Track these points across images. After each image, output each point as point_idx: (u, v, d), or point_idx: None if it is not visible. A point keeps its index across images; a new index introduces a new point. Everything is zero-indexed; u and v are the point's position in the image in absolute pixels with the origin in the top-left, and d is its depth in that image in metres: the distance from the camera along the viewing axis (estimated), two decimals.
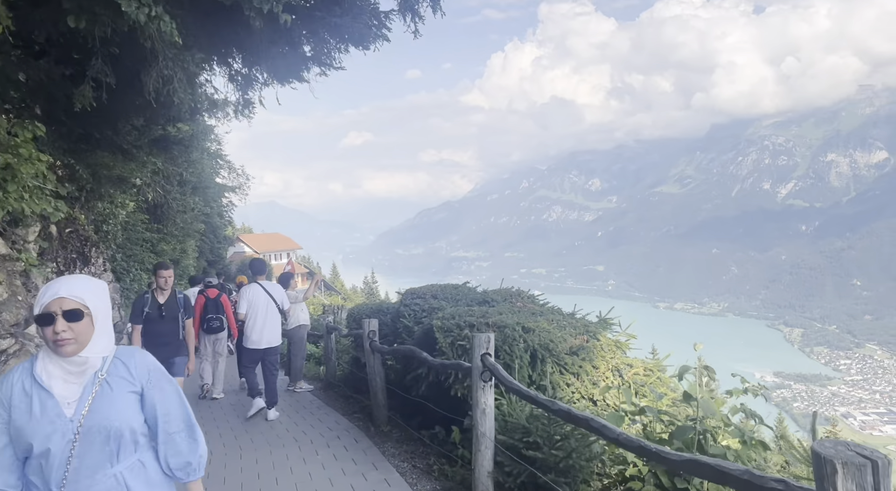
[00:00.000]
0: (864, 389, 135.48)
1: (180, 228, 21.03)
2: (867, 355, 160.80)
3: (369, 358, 6.58)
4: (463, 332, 5.19)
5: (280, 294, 7.94)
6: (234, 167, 33.86)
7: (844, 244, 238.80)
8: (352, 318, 9.25)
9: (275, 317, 7.81)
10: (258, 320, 7.65)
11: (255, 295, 7.74)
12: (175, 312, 6.53)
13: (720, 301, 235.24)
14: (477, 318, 5.40)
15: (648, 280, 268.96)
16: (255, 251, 64.31)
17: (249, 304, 7.70)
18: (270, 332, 7.70)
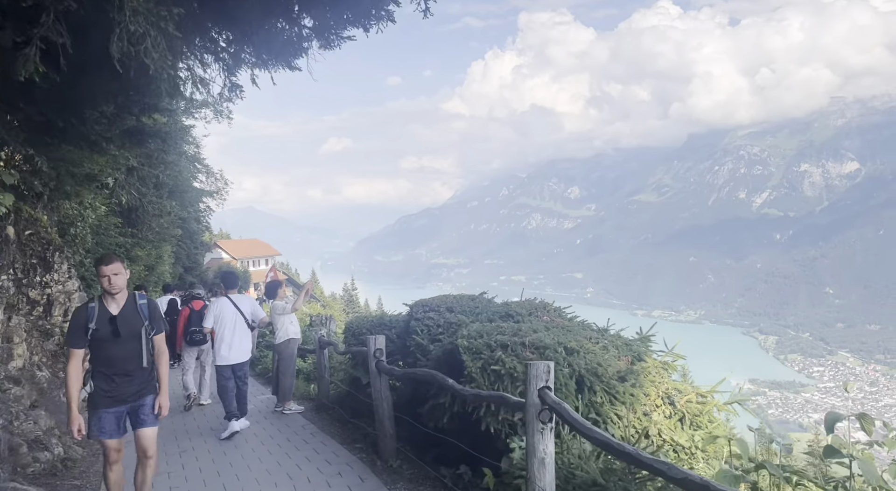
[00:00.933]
0: (837, 396, 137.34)
1: (156, 233, 20.16)
2: (839, 363, 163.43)
3: (375, 380, 5.71)
4: (495, 354, 4.36)
5: (249, 308, 7.80)
6: (213, 171, 32.93)
7: (817, 253, 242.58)
8: (350, 332, 8.32)
9: (243, 332, 7.72)
10: (226, 336, 7.57)
11: (223, 309, 7.62)
12: (136, 326, 4.42)
13: (697, 309, 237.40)
14: (509, 336, 4.58)
15: (626, 288, 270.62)
16: (232, 257, 62.81)
17: (216, 318, 7.58)
18: (239, 347, 7.63)
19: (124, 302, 4.45)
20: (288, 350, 8.60)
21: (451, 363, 4.79)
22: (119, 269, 4.39)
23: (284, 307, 8.58)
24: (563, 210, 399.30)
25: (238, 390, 7.76)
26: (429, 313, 5.95)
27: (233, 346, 7.63)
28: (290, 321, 8.68)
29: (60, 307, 8.65)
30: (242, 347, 7.74)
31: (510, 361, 4.25)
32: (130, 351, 4.43)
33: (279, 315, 8.60)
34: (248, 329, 7.86)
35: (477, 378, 4.30)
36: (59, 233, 10.46)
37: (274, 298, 8.80)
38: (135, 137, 7.39)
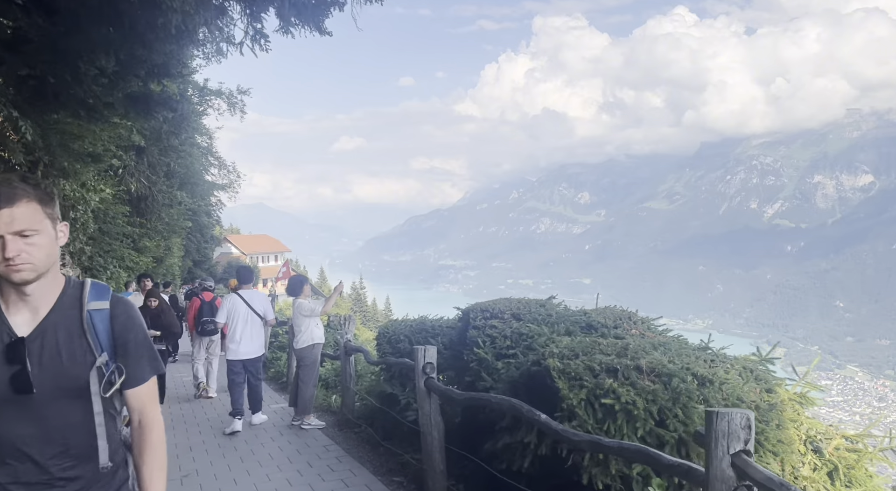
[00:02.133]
0: (845, 411, 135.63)
1: (165, 224, 19.51)
2: (848, 377, 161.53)
3: (423, 402, 4.63)
4: (602, 381, 3.27)
5: (261, 304, 7.87)
6: (225, 164, 32.20)
7: (828, 265, 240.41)
8: (385, 339, 7.16)
9: (255, 327, 7.77)
10: (237, 331, 7.64)
11: (235, 305, 7.72)
12: (75, 370, 1.69)
13: (705, 318, 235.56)
14: (615, 357, 3.49)
15: (634, 295, 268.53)
16: (242, 252, 62.04)
17: (228, 314, 7.73)
18: (249, 343, 7.69)
19: (54, 303, 1.72)
20: (311, 356, 7.56)
21: (535, 389, 3.70)
22: (30, 215, 1.58)
23: (313, 309, 7.56)
24: (572, 215, 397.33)
25: (251, 386, 7.82)
26: (491, 321, 4.83)
27: (244, 341, 7.64)
28: (316, 324, 7.69)
29: None
30: (255, 342, 7.76)
31: (626, 393, 3.15)
32: (60, 428, 1.69)
33: (305, 316, 7.56)
34: (261, 325, 7.87)
35: (580, 414, 3.21)
36: None
37: (297, 296, 7.76)
38: (140, 105, 6.33)
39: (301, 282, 7.88)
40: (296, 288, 7.77)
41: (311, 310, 7.57)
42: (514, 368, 4.11)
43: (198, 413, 8.76)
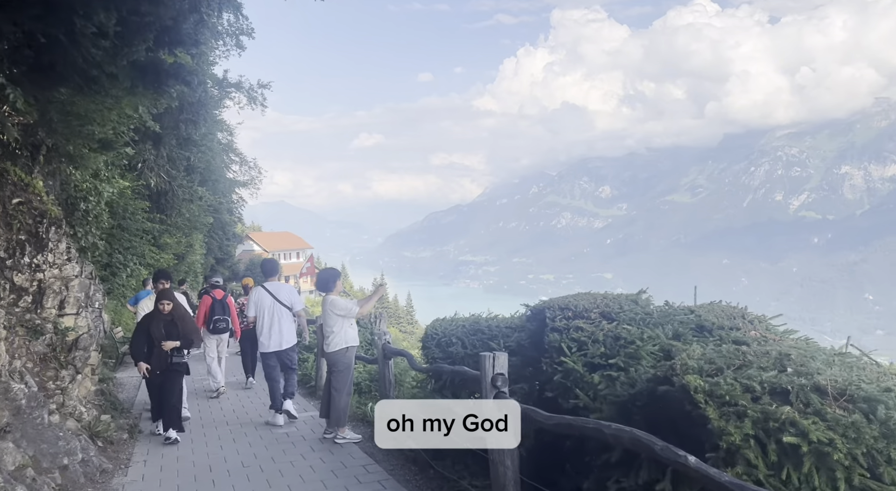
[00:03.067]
0: None
1: (186, 220, 19.03)
2: None
3: None
4: (777, 411, 2.32)
5: (287, 295, 7.79)
6: (247, 160, 31.92)
7: (857, 257, 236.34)
8: (433, 341, 6.16)
9: (284, 319, 7.69)
10: (265, 324, 7.61)
11: (261, 298, 7.67)
12: None
13: None
14: (777, 372, 2.55)
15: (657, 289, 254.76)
16: (264, 250, 61.78)
17: (256, 307, 7.68)
18: (279, 334, 7.62)
19: None
20: (345, 361, 6.64)
21: (660, 415, 2.76)
22: None
23: (349, 308, 6.59)
24: (593, 209, 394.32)
25: (287, 374, 7.85)
26: (575, 322, 3.86)
27: (273, 333, 7.58)
28: (351, 324, 6.74)
29: (55, 297, 6.84)
30: (285, 333, 7.66)
31: (816, 429, 2.21)
32: None
33: (340, 316, 6.61)
34: (290, 316, 7.77)
35: (748, 457, 2.27)
36: (68, 209, 8.67)
37: (329, 292, 6.82)
38: (149, 77, 5.49)
39: (333, 276, 6.99)
40: (327, 283, 6.84)
41: (346, 309, 6.59)
42: (623, 384, 3.17)
43: (216, 414, 7.99)
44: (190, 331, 6.86)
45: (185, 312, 7.06)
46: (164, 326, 6.67)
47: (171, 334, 6.67)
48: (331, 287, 6.83)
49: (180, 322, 6.78)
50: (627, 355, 3.46)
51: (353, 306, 6.63)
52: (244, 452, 6.46)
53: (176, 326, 6.73)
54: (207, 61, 15.98)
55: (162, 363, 6.64)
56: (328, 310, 6.68)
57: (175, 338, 6.66)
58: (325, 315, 6.74)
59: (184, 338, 6.74)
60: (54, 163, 7.16)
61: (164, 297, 6.81)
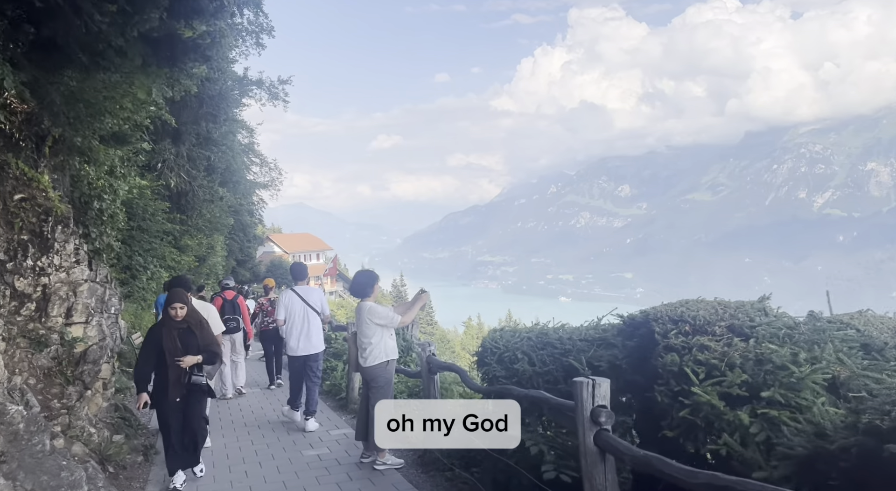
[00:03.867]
0: None
1: (207, 221, 18.61)
2: None
3: (592, 467, 2.89)
4: None
5: (318, 299, 7.72)
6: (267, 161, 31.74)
7: (884, 255, 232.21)
8: (494, 355, 5.08)
9: (313, 323, 7.60)
10: (294, 328, 7.53)
11: (291, 301, 7.60)
12: None
13: None
14: None
15: (678, 288, 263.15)
16: (284, 251, 61.59)
17: (286, 310, 7.61)
18: (307, 339, 7.54)
19: None
20: (385, 376, 5.83)
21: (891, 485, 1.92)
22: None
23: (390, 317, 5.79)
24: (612, 208, 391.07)
25: (307, 388, 7.68)
26: (696, 338, 3.01)
27: (301, 338, 7.53)
28: (391, 335, 5.95)
29: (61, 304, 6.11)
30: (313, 338, 7.60)
31: None
32: None
33: (379, 326, 5.80)
34: (319, 321, 7.70)
35: None
36: (80, 208, 7.95)
37: (365, 297, 6.02)
38: (163, 51, 4.78)
39: (371, 280, 6.12)
40: (364, 287, 6.02)
41: (387, 318, 5.78)
42: (801, 431, 2.29)
43: (240, 433, 7.28)
44: (211, 342, 5.45)
45: (203, 319, 5.58)
46: (178, 337, 5.22)
47: (190, 347, 5.22)
48: (368, 292, 6.01)
49: (198, 330, 5.34)
50: (784, 386, 2.63)
51: (394, 315, 5.82)
52: (272, 479, 5.71)
53: (194, 336, 5.28)
54: (227, 58, 15.62)
55: (179, 387, 5.21)
56: (365, 318, 5.85)
57: (194, 351, 5.23)
58: (362, 324, 5.88)
59: (205, 351, 5.32)
60: (62, 156, 6.47)
61: (176, 298, 5.32)
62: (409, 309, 6.10)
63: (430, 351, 6.36)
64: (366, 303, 5.95)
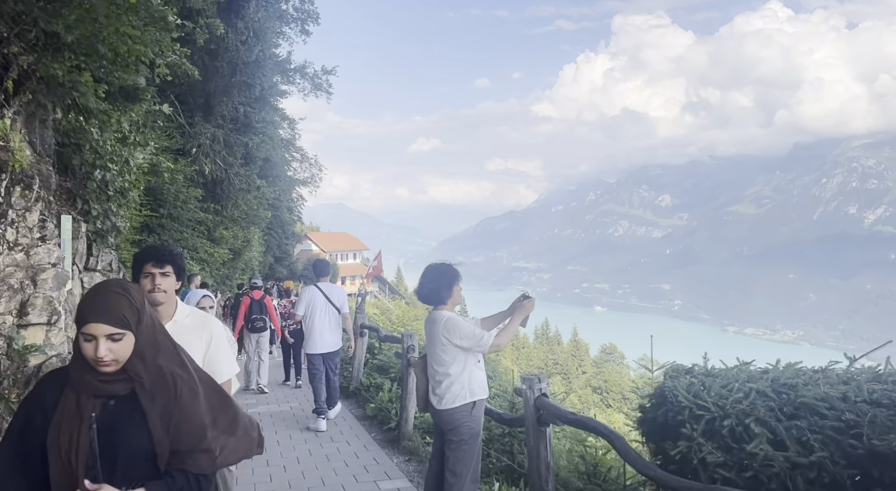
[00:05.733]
0: None
1: (243, 213, 17.75)
2: None
3: None
4: None
5: (339, 296, 7.65)
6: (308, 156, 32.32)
7: None
8: (690, 416, 3.36)
9: (334, 320, 7.60)
10: (315, 325, 7.48)
11: (313, 297, 7.52)
12: None
13: (795, 329, 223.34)
14: None
15: (718, 302, 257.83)
16: (322, 249, 63.12)
17: (307, 306, 7.50)
18: (328, 336, 7.55)
19: None
20: (469, 425, 3.98)
21: None
22: None
23: (478, 337, 3.93)
24: (652, 218, 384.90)
25: (329, 380, 7.69)
26: None
27: (323, 335, 7.48)
28: (478, 362, 4.10)
29: (12, 297, 4.43)
30: (333, 335, 7.60)
31: None
32: None
33: (461, 348, 3.97)
34: (339, 318, 7.69)
35: None
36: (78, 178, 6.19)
37: (440, 304, 4.14)
38: None
39: (448, 279, 4.16)
40: (437, 288, 4.12)
41: (473, 338, 3.92)
42: None
43: None
44: (197, 434, 1.79)
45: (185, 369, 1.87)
46: (98, 419, 1.68)
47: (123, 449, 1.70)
48: (444, 296, 4.11)
49: (162, 401, 1.77)
50: None
51: (484, 334, 3.94)
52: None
53: (142, 422, 1.74)
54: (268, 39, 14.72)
55: None
56: (440, 336, 4.01)
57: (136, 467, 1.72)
58: (435, 344, 4.05)
59: (174, 468, 1.76)
60: (35, 96, 4.86)
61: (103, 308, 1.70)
62: (507, 326, 4.13)
63: (539, 389, 4.26)
64: (440, 313, 4.10)
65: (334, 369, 7.79)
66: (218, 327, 2.88)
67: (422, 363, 4.32)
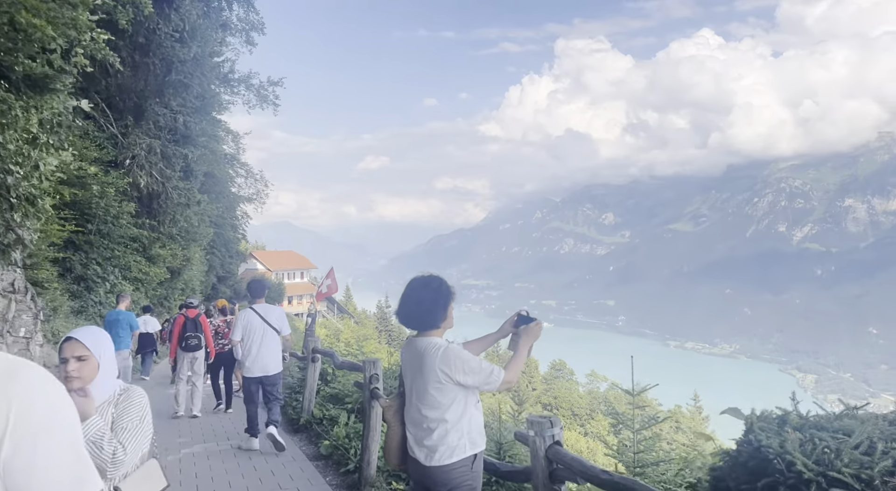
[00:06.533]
0: None
1: (183, 230, 16.77)
2: (883, 406, 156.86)
3: None
4: None
5: (277, 318, 7.41)
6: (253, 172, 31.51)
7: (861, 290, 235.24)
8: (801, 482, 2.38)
9: (273, 343, 7.34)
10: (252, 348, 7.24)
11: (250, 320, 7.29)
12: None
13: (732, 342, 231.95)
14: None
15: (659, 317, 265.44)
16: (267, 268, 61.49)
17: (244, 330, 7.26)
18: (266, 359, 7.27)
19: None
20: (469, 484, 3.16)
21: None
22: None
23: (487, 372, 3.11)
24: (596, 236, 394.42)
25: (270, 404, 7.40)
26: None
27: (259, 358, 7.24)
28: (477, 404, 3.27)
29: None
30: (272, 358, 7.35)
31: None
32: None
33: (462, 386, 3.12)
34: (278, 341, 7.45)
35: None
36: None
37: (428, 329, 3.27)
38: None
39: (444, 296, 3.27)
40: (433, 310, 3.23)
41: (482, 373, 3.10)
42: None
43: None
44: None
45: None
46: None
47: None
48: (437, 319, 3.23)
49: None
50: None
51: (495, 369, 3.12)
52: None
53: None
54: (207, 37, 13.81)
55: None
56: (438, 370, 3.09)
57: None
58: (428, 382, 3.13)
59: None
60: None
61: None
62: (516, 356, 3.26)
63: (552, 436, 3.30)
64: (431, 340, 3.19)
65: (277, 395, 7.49)
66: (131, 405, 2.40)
67: (397, 406, 3.37)
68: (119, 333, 9.97)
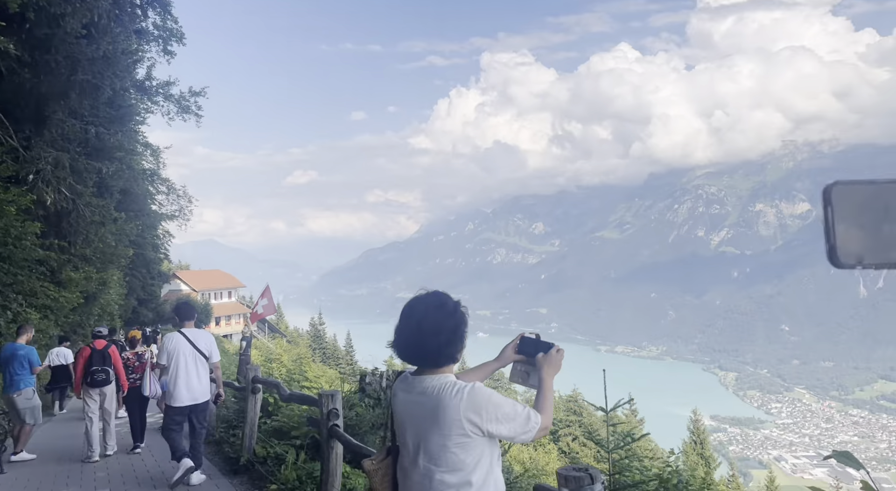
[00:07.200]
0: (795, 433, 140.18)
1: (98, 251, 15.62)
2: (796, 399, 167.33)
3: None
4: None
5: (206, 343, 7.08)
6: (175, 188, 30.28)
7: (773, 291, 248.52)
8: None
9: (202, 369, 7.03)
10: (180, 374, 6.86)
11: (178, 346, 6.91)
12: None
13: (659, 345, 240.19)
14: None
15: (590, 323, 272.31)
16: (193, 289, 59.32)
17: (170, 355, 6.85)
18: (195, 387, 6.95)
19: None
20: None
21: None
22: None
23: (525, 417, 2.30)
24: (527, 245, 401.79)
25: (194, 435, 7.12)
26: None
27: (188, 385, 6.89)
28: (498, 459, 2.40)
29: None
30: (201, 386, 7.01)
31: None
32: None
33: (491, 435, 2.29)
34: (207, 367, 7.10)
35: None
36: None
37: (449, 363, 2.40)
38: None
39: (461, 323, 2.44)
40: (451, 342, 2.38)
41: (518, 419, 2.29)
42: None
43: None
44: None
45: None
46: None
47: None
48: (454, 352, 2.41)
49: None
50: None
51: (532, 413, 2.32)
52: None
53: None
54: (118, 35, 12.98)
55: None
56: (464, 420, 2.24)
57: None
58: (449, 436, 2.26)
59: None
60: None
61: None
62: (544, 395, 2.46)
63: None
64: (447, 378, 2.36)
65: (203, 423, 7.21)
66: None
67: (385, 468, 2.53)
68: (16, 370, 8.73)
